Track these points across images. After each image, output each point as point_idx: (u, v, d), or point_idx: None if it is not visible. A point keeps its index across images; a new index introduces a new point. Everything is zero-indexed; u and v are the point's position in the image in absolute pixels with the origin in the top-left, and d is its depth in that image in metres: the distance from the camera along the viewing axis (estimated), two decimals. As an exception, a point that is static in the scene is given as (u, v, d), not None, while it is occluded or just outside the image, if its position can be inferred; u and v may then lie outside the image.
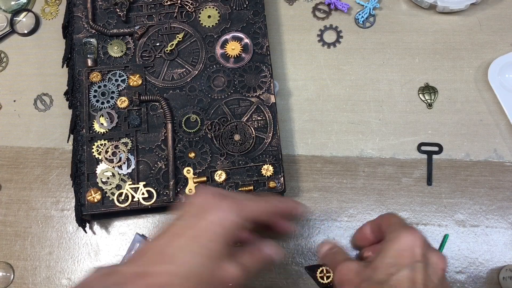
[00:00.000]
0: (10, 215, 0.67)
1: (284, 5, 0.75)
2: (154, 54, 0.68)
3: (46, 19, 0.76)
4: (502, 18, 0.72)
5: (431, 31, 0.72)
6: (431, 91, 0.69)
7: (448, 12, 0.72)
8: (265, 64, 0.66)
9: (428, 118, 0.68)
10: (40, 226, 0.66)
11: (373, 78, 0.70)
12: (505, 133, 0.66)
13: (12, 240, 0.66)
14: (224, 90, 0.66)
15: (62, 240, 0.66)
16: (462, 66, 0.70)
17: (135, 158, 0.63)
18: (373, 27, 0.72)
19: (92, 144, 0.64)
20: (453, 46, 0.71)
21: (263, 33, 0.67)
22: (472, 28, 0.71)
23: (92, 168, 0.63)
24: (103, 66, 0.67)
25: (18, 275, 0.65)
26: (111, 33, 0.68)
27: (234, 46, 0.67)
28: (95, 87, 0.66)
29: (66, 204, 0.67)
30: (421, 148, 0.66)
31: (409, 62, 0.70)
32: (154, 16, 0.69)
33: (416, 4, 0.73)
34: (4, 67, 0.74)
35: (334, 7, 0.73)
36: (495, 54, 0.69)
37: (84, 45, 0.68)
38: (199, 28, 0.69)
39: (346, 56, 0.71)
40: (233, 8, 0.69)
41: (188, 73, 0.67)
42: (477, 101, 0.68)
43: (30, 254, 0.65)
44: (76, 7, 0.70)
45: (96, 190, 0.62)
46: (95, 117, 0.65)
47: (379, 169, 0.66)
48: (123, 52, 0.68)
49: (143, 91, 0.66)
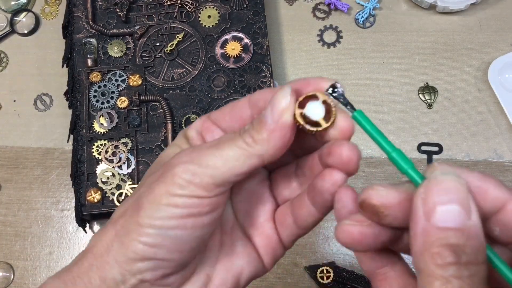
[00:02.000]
0: (10, 215, 0.67)
1: (284, 5, 0.75)
2: (154, 54, 0.68)
3: (46, 19, 0.76)
4: (502, 18, 0.72)
5: (431, 31, 0.72)
6: (431, 91, 0.69)
7: (448, 12, 0.72)
8: (265, 64, 0.66)
9: (428, 118, 0.68)
10: (40, 226, 0.66)
11: (373, 78, 0.70)
12: (505, 133, 0.66)
13: (12, 240, 0.66)
14: (224, 90, 0.66)
15: (62, 240, 0.66)
16: (462, 66, 0.70)
17: (135, 158, 0.63)
18: (373, 27, 0.72)
19: (92, 144, 0.64)
20: (453, 46, 0.71)
21: (263, 33, 0.67)
22: (472, 28, 0.71)
23: (92, 168, 0.63)
24: (103, 66, 0.67)
25: (18, 275, 0.65)
26: (111, 33, 0.68)
27: (234, 46, 0.67)
28: (95, 87, 0.66)
29: (66, 204, 0.67)
30: (421, 148, 0.66)
31: (409, 62, 0.70)
32: (154, 16, 0.69)
33: (416, 4, 0.73)
34: (4, 67, 0.74)
35: (334, 7, 0.73)
36: (495, 54, 0.69)
37: (84, 45, 0.68)
38: (199, 28, 0.69)
39: (346, 56, 0.71)
40: (233, 8, 0.69)
41: (188, 73, 0.67)
42: (477, 101, 0.68)
43: (30, 254, 0.65)
44: (76, 7, 0.70)
45: (96, 190, 0.62)
46: (95, 117, 0.65)
47: (379, 169, 0.66)
48: (123, 52, 0.68)
49: (143, 91, 0.66)
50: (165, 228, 0.30)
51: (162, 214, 0.30)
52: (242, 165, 0.30)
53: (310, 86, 0.31)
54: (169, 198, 0.30)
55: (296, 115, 0.30)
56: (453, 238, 0.24)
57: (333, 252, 0.63)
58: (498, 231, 0.27)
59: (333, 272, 0.61)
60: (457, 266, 0.24)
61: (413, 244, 0.25)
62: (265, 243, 0.35)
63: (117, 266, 0.30)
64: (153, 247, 0.30)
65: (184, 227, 0.30)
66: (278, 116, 0.30)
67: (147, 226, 0.30)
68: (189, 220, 0.30)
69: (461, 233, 0.24)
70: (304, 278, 0.62)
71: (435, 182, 0.25)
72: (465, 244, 0.24)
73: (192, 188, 0.29)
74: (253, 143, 0.30)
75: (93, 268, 0.31)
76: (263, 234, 0.35)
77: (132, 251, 0.30)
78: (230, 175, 0.30)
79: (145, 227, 0.30)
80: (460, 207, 0.25)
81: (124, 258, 0.30)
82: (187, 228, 0.30)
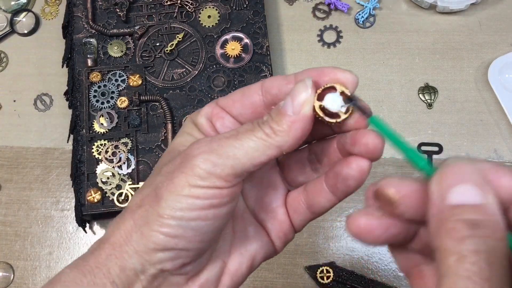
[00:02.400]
0: (10, 215, 0.67)
1: (284, 5, 0.75)
2: (154, 54, 0.68)
3: (46, 19, 0.76)
4: (502, 18, 0.72)
5: (431, 31, 0.72)
6: (431, 91, 0.69)
7: (448, 12, 0.72)
8: (265, 64, 0.66)
9: (428, 118, 0.68)
10: (40, 226, 0.66)
11: (373, 78, 0.70)
12: (505, 133, 0.66)
13: (12, 240, 0.66)
14: (224, 90, 0.66)
15: (62, 240, 0.66)
16: (462, 66, 0.70)
17: (135, 158, 0.63)
18: (373, 27, 0.72)
19: (92, 144, 0.64)
20: (453, 46, 0.71)
21: (263, 33, 0.67)
22: (472, 28, 0.71)
23: (92, 168, 0.63)
24: (103, 66, 0.67)
25: (18, 275, 0.65)
26: (111, 33, 0.68)
27: (234, 46, 0.67)
28: (95, 87, 0.66)
29: (66, 204, 0.67)
30: (421, 148, 0.66)
31: (409, 62, 0.70)
32: (154, 16, 0.69)
33: (416, 4, 0.73)
34: (4, 67, 0.74)
35: (334, 7, 0.73)
36: (495, 54, 0.69)
37: (84, 45, 0.68)
38: (199, 28, 0.69)
39: (346, 56, 0.71)
40: (233, 8, 0.69)
41: (188, 73, 0.67)
42: (477, 101, 0.68)
43: (30, 254, 0.65)
44: (76, 7, 0.70)
45: (96, 190, 0.62)
46: (95, 117, 0.65)
47: (379, 169, 0.66)
48: (123, 52, 0.68)
49: (143, 91, 0.66)
50: (186, 219, 0.30)
51: (183, 205, 0.30)
52: (262, 156, 0.30)
53: (325, 76, 0.32)
54: (190, 189, 0.30)
55: (316, 107, 0.30)
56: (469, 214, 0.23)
57: (333, 252, 0.63)
58: None
59: (333, 272, 0.61)
60: (473, 239, 0.23)
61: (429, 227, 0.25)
62: (277, 228, 0.36)
63: (136, 256, 0.30)
64: (174, 237, 0.30)
65: (205, 218, 0.30)
66: (299, 108, 0.30)
67: (168, 217, 0.30)
68: (210, 211, 0.30)
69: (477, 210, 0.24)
70: (304, 278, 0.62)
71: (449, 167, 0.25)
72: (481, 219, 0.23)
73: (213, 179, 0.30)
74: (273, 134, 0.30)
75: (112, 258, 0.31)
76: (275, 219, 0.36)
77: (152, 241, 0.30)
78: (250, 166, 0.30)
79: (166, 218, 0.30)
80: (475, 186, 0.24)
81: (144, 248, 0.30)
82: (208, 218, 0.30)
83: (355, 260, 0.62)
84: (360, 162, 0.31)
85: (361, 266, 0.62)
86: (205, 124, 0.34)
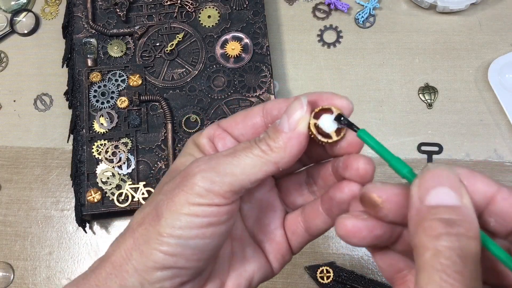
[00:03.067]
0: (10, 215, 0.67)
1: (284, 5, 0.75)
2: (154, 54, 0.68)
3: (46, 19, 0.76)
4: (502, 18, 0.72)
5: (431, 31, 0.72)
6: (431, 91, 0.69)
7: (448, 12, 0.72)
8: (265, 64, 0.66)
9: (428, 118, 0.68)
10: (40, 226, 0.66)
11: (373, 78, 0.70)
12: (505, 133, 0.66)
13: (12, 240, 0.66)
14: (224, 90, 0.66)
15: (62, 240, 0.66)
16: (462, 66, 0.70)
17: (135, 158, 0.63)
18: (373, 27, 0.72)
19: (92, 144, 0.64)
20: (453, 46, 0.71)
21: (263, 33, 0.67)
22: (472, 28, 0.71)
23: (92, 168, 0.63)
24: (103, 66, 0.67)
25: (18, 275, 0.65)
26: (111, 33, 0.68)
27: (234, 46, 0.67)
28: (95, 87, 0.66)
29: (66, 204, 0.67)
30: (421, 148, 0.66)
31: (409, 62, 0.70)
32: (154, 16, 0.69)
33: (416, 4, 0.73)
34: (4, 67, 0.74)
35: (334, 7, 0.73)
36: (495, 54, 0.69)
37: (84, 45, 0.68)
38: (199, 28, 0.69)
39: (346, 56, 0.71)
40: (233, 8, 0.69)
41: (188, 73, 0.67)
42: (477, 101, 0.68)
43: (30, 254, 0.65)
44: (76, 7, 0.70)
45: (96, 190, 0.62)
46: (95, 117, 0.65)
47: (379, 169, 0.66)
48: (123, 52, 0.68)
49: (143, 91, 0.66)
50: (185, 238, 0.30)
51: (182, 223, 0.30)
52: (259, 172, 0.31)
53: (323, 101, 0.33)
54: (189, 207, 0.30)
55: (310, 124, 0.31)
56: (445, 214, 0.25)
57: (333, 252, 0.63)
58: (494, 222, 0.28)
59: (333, 272, 0.61)
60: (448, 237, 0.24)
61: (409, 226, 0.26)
62: (275, 250, 0.36)
63: (136, 274, 0.31)
64: (173, 256, 0.30)
65: (203, 236, 0.30)
66: (294, 125, 0.31)
67: (167, 236, 0.30)
68: (208, 230, 0.31)
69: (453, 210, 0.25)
70: (304, 278, 0.62)
71: (428, 172, 0.27)
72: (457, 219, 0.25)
73: (212, 196, 0.30)
74: (270, 151, 0.31)
75: (112, 277, 0.31)
76: (274, 241, 0.36)
77: (152, 260, 0.30)
78: (247, 182, 0.31)
79: (165, 236, 0.30)
80: (452, 189, 0.26)
81: (144, 267, 0.30)
82: (207, 237, 0.31)
83: (355, 260, 0.62)
84: (352, 187, 0.32)
85: (361, 266, 0.62)
86: (207, 145, 0.35)
